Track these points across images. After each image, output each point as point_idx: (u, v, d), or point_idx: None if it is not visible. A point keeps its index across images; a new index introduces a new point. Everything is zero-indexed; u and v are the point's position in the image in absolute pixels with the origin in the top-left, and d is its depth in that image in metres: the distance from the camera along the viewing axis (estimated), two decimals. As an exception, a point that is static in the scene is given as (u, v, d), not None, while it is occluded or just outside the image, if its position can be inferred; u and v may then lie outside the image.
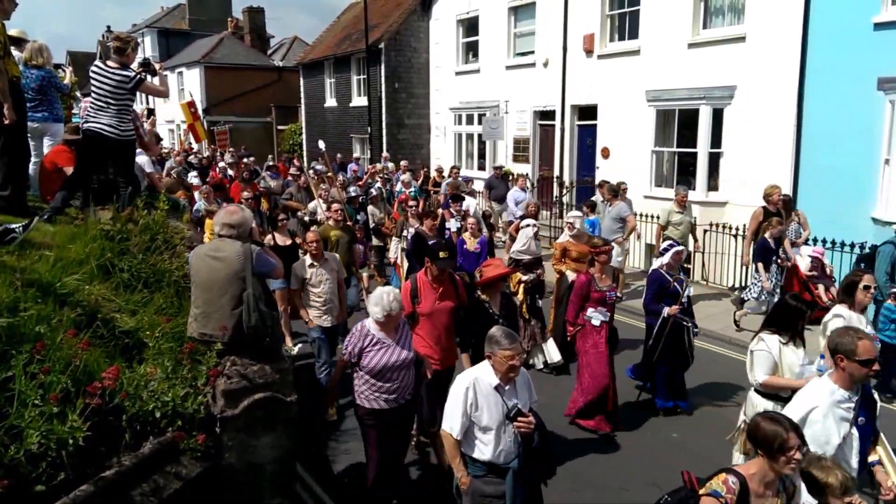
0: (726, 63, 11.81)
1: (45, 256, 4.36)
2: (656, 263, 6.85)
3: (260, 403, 3.83)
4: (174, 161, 16.95)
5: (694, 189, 12.42)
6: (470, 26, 18.82)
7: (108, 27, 44.12)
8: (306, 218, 11.51)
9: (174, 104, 33.95)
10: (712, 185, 12.35)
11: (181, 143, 23.19)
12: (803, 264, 9.16)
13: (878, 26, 9.72)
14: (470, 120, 18.95)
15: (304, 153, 26.28)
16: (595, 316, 6.27)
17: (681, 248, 6.75)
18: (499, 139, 17.43)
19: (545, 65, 15.95)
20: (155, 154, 9.65)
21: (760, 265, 8.64)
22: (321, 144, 11.95)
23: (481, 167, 18.36)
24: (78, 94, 8.60)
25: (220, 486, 3.68)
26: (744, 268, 10.39)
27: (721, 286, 11.29)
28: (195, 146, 22.93)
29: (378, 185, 13.93)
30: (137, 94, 5.83)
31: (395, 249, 10.19)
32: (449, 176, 14.89)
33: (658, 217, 10.73)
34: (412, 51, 21.36)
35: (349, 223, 8.80)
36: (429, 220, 8.51)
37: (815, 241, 9.47)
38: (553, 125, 16.03)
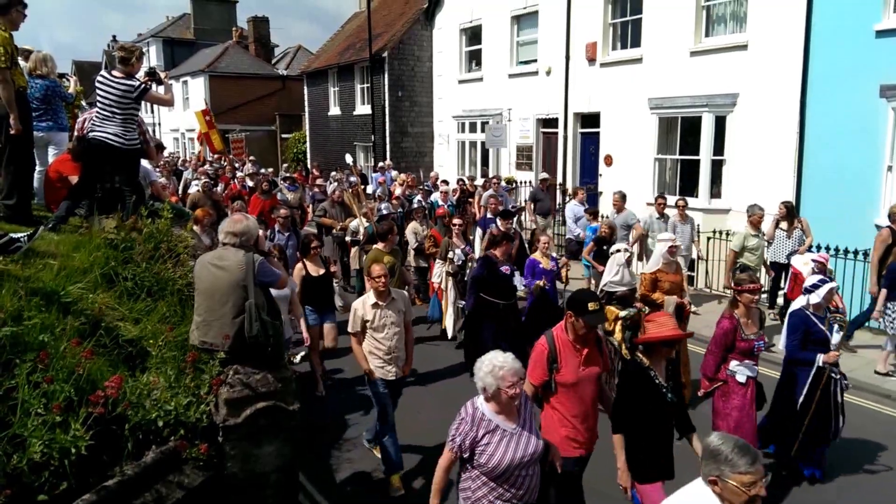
0: (728, 71, 11.82)
1: (49, 265, 4.38)
2: (800, 302, 5.74)
3: (262, 412, 3.83)
4: (191, 172, 16.32)
5: (696, 196, 12.42)
6: (473, 35, 18.88)
7: (114, 37, 44.34)
8: (347, 238, 10.74)
9: (178, 113, 34.18)
10: (715, 192, 12.34)
11: (200, 155, 21.93)
12: (805, 270, 9.11)
13: (880, 34, 9.72)
14: (473, 128, 18.99)
15: (308, 161, 26.35)
16: (741, 370, 5.22)
17: (834, 284, 5.78)
18: (502, 147, 17.45)
19: (548, 73, 15.98)
20: (157, 162, 9.52)
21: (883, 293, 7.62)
22: (349, 159, 11.62)
23: (484, 175, 18.35)
24: (83, 103, 8.66)
25: (222, 496, 3.67)
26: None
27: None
28: (210, 157, 21.79)
29: (418, 197, 13.05)
30: (143, 103, 5.87)
31: (439, 273, 9.05)
32: (487, 186, 13.44)
33: (730, 238, 9.47)
34: (415, 59, 21.45)
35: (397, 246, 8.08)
36: (504, 244, 7.44)
37: (818, 247, 9.45)
38: (556, 133, 16.04)
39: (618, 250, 7.10)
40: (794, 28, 10.76)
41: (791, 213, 9.54)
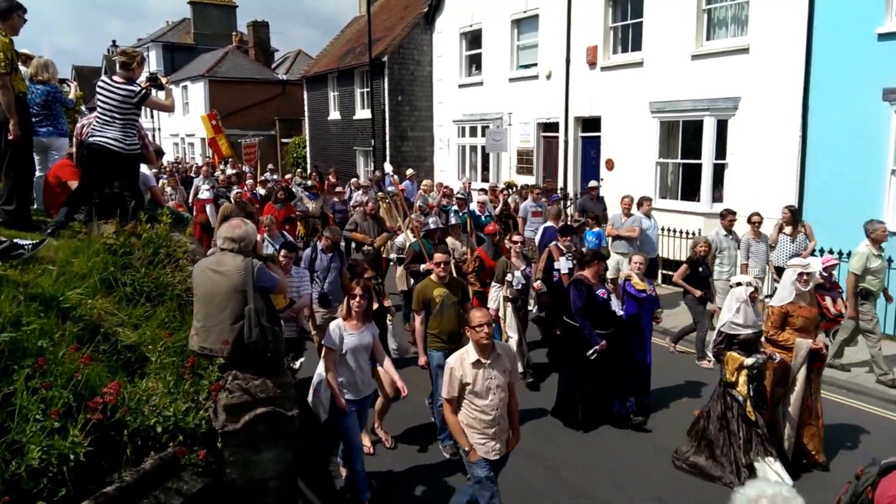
0: (730, 74, 11.81)
1: (48, 270, 4.36)
2: None
3: (262, 418, 3.80)
4: (202, 179, 15.19)
5: (699, 201, 12.40)
6: (473, 39, 18.91)
7: (114, 42, 44.54)
8: (392, 255, 9.78)
9: (178, 118, 34.23)
10: (717, 196, 12.31)
11: (215, 161, 20.33)
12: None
13: (882, 37, 9.71)
14: (473, 132, 19.00)
15: (308, 166, 26.37)
16: None
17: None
18: (502, 151, 17.46)
19: (548, 77, 15.99)
20: (157, 168, 9.37)
21: None
22: (388, 168, 10.14)
23: (485, 179, 18.38)
24: (83, 108, 8.65)
25: (221, 502, 3.64)
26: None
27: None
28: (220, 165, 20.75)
29: (454, 208, 11.91)
30: (143, 108, 5.87)
31: (495, 298, 7.82)
32: (525, 195, 12.67)
33: (849, 259, 8.20)
34: (415, 64, 21.47)
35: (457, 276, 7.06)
36: (595, 264, 6.70)
37: (821, 251, 9.42)
38: (556, 137, 16.04)
39: (739, 283, 5.73)
40: (795, 31, 10.76)
41: (795, 217, 9.53)
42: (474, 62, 19.03)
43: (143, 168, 6.62)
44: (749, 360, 5.42)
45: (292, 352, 6.01)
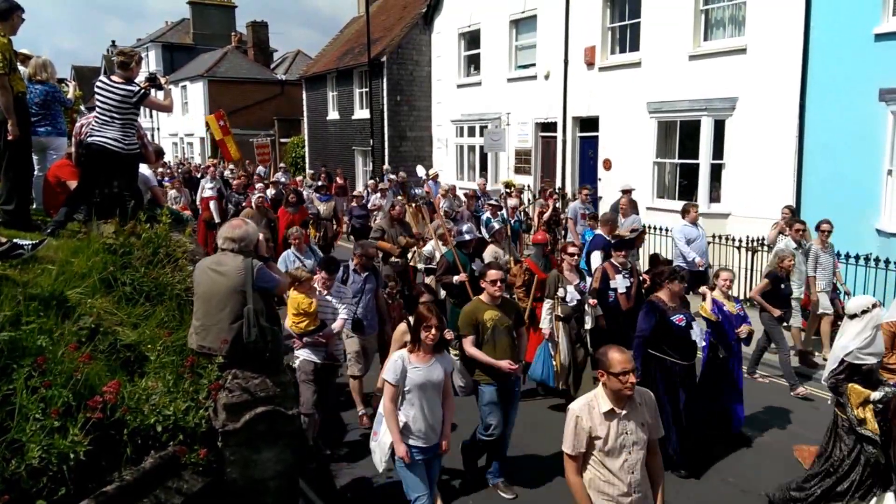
0: (727, 74, 11.84)
1: (47, 270, 4.37)
2: None
3: (262, 417, 3.81)
4: (209, 179, 14.60)
5: (696, 201, 12.42)
6: (471, 39, 18.92)
7: (113, 42, 44.53)
8: (420, 265, 9.08)
9: (177, 118, 34.19)
10: (714, 196, 12.34)
11: (226, 163, 18.90)
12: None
13: (879, 37, 9.73)
14: (472, 132, 19.01)
15: (307, 165, 26.36)
16: None
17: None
18: (500, 151, 17.47)
19: (546, 77, 16.01)
20: (156, 167, 9.18)
21: None
22: (420, 171, 9.94)
23: (483, 178, 18.37)
24: (82, 107, 8.64)
25: (222, 502, 3.65)
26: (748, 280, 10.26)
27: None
28: (228, 167, 19.42)
29: (487, 215, 10.92)
30: (142, 108, 5.87)
31: (548, 319, 6.82)
32: (572, 197, 12.13)
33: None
34: (414, 64, 21.47)
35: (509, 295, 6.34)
36: (674, 284, 5.73)
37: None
38: (554, 137, 16.06)
39: (866, 308, 4.84)
40: (792, 31, 10.79)
41: (793, 217, 9.56)
42: (473, 62, 19.04)
43: (143, 168, 6.62)
44: (877, 395, 4.61)
45: (323, 381, 5.85)
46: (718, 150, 12.21)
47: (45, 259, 4.58)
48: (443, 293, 8.02)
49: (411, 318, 4.64)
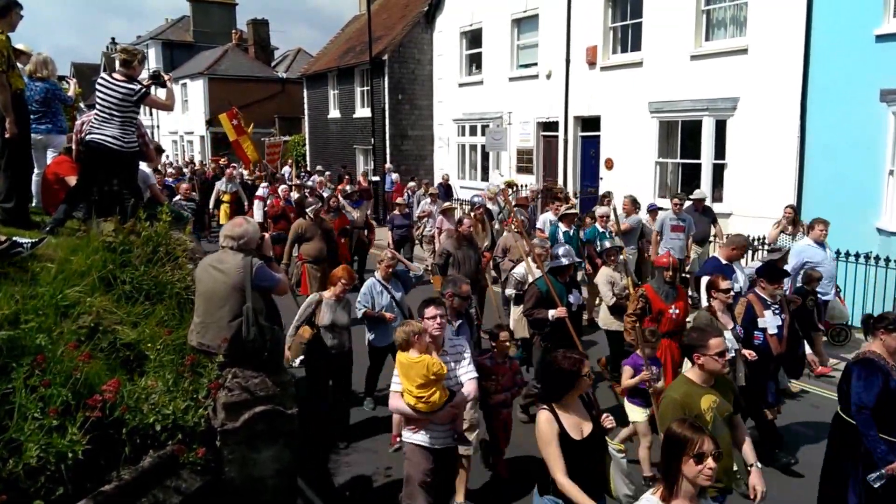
0: (729, 75, 11.82)
1: (47, 268, 4.36)
2: None
3: (261, 416, 3.81)
4: (224, 183, 14.13)
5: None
6: (473, 38, 18.90)
7: (113, 39, 44.47)
8: (509, 290, 7.57)
9: (177, 116, 34.15)
10: (716, 196, 12.33)
11: (249, 166, 17.03)
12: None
13: (880, 38, 9.72)
14: (473, 131, 18.99)
15: (308, 164, 26.34)
16: None
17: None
18: (502, 150, 17.46)
19: (548, 76, 15.99)
20: (155, 165, 8.98)
21: None
22: (496, 178, 8.71)
23: (485, 178, 18.38)
24: (82, 105, 8.63)
25: (220, 501, 3.65)
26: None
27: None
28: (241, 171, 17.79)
29: (564, 229, 9.50)
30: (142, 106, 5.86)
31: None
32: (560, 197, 10.75)
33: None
34: (416, 62, 21.46)
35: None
36: (886, 334, 4.25)
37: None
38: (556, 136, 16.04)
39: None
40: (794, 32, 10.77)
41: (796, 216, 9.56)
42: (474, 61, 19.02)
43: (143, 166, 6.61)
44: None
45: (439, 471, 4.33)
46: (720, 150, 12.20)
47: (45, 257, 4.57)
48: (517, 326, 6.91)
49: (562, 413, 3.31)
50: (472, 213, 9.58)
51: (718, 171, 12.29)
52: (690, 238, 10.21)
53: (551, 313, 5.90)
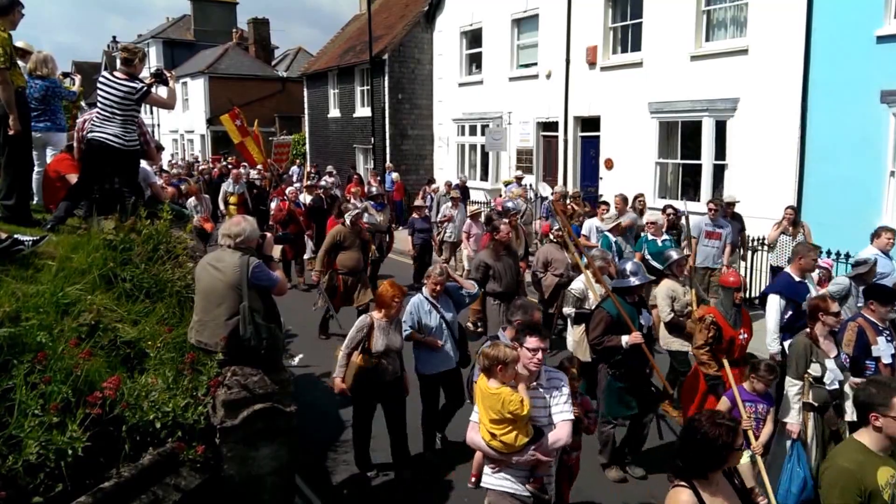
0: (729, 75, 11.83)
1: (47, 266, 4.37)
2: None
3: (260, 414, 3.81)
4: (231, 184, 13.61)
5: (698, 201, 12.42)
6: (473, 38, 18.91)
7: (114, 38, 44.42)
8: (567, 309, 6.63)
9: (177, 114, 34.14)
10: (717, 196, 12.33)
11: (258, 163, 16.00)
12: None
13: (881, 39, 9.73)
14: (473, 131, 19.00)
15: (308, 163, 26.33)
16: None
17: None
18: (501, 150, 17.47)
19: (548, 76, 16.00)
20: (156, 163, 8.86)
21: None
22: (544, 190, 7.92)
23: (484, 178, 18.38)
24: (83, 103, 8.63)
25: (219, 498, 3.65)
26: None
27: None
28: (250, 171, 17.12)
29: (615, 238, 8.83)
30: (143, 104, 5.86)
31: (797, 410, 4.73)
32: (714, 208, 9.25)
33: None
34: (416, 62, 21.46)
35: None
36: None
37: (818, 252, 9.43)
38: (556, 136, 16.05)
39: None
40: (794, 32, 10.78)
41: (796, 217, 9.57)
42: (474, 61, 19.02)
43: (144, 164, 6.62)
44: None
45: None
46: (720, 151, 12.21)
47: (46, 255, 4.58)
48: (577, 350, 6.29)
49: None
50: (508, 219, 8.67)
51: (719, 172, 12.30)
52: (728, 246, 9.49)
53: (624, 340, 5.20)
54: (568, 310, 6.68)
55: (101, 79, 5.69)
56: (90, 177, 5.80)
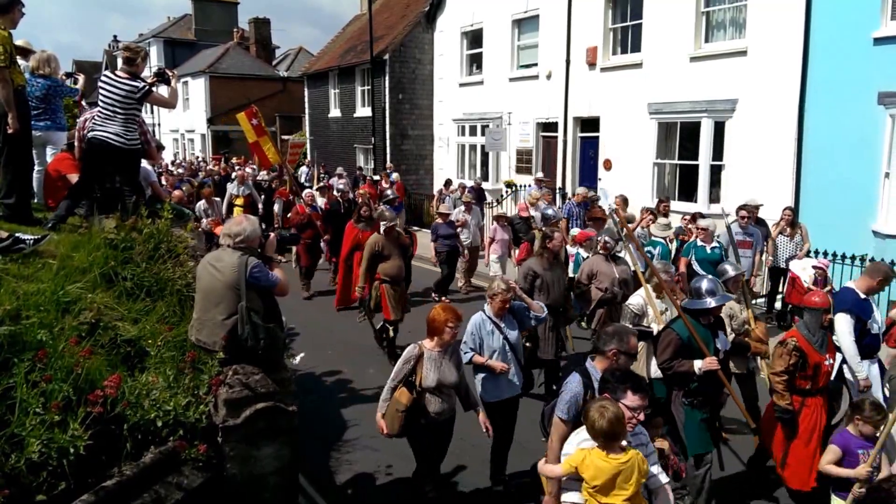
0: (728, 76, 11.85)
1: (48, 264, 4.38)
2: None
3: (262, 413, 3.82)
4: (236, 186, 13.27)
5: (696, 202, 12.44)
6: (474, 38, 18.92)
7: (115, 37, 44.39)
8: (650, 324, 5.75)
9: (178, 113, 34.14)
10: (714, 197, 12.36)
11: (280, 161, 14.70)
12: (804, 276, 9.14)
13: (878, 41, 9.75)
14: (473, 131, 19.01)
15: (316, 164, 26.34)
16: None
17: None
18: (501, 150, 17.48)
19: (548, 77, 16.01)
20: (157, 163, 8.76)
21: None
22: (606, 198, 7.20)
23: (484, 178, 18.40)
24: (84, 103, 8.64)
25: (221, 497, 3.66)
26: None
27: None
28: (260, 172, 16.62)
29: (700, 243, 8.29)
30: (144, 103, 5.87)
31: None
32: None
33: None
34: (416, 62, 21.48)
35: None
36: None
37: (815, 253, 9.46)
38: (556, 137, 16.07)
39: None
40: (792, 34, 10.80)
41: (794, 218, 9.59)
42: (475, 61, 19.04)
43: (144, 163, 6.63)
44: None
45: None
46: (718, 152, 12.23)
47: (46, 253, 4.59)
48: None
49: None
50: (550, 228, 7.95)
51: (716, 173, 12.32)
52: (759, 255, 9.03)
53: (698, 365, 4.64)
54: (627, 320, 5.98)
55: (103, 78, 5.70)
56: (91, 176, 5.81)
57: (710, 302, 4.80)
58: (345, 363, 7.92)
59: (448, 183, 16.59)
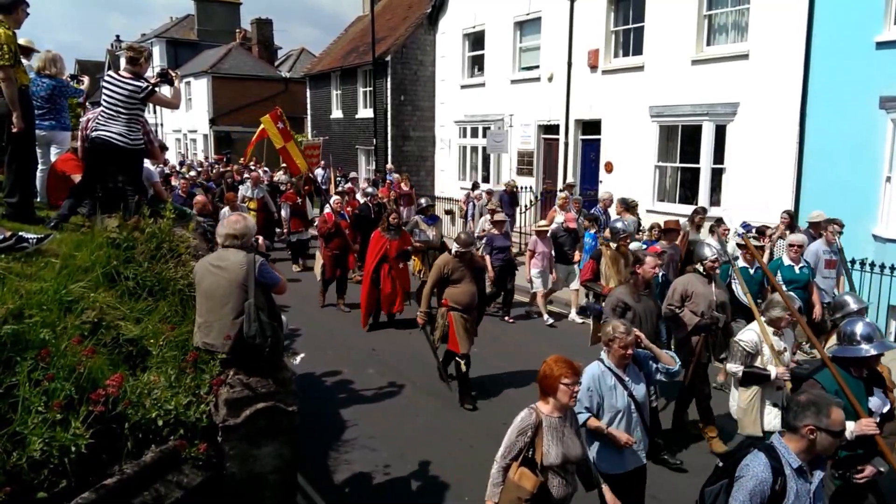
0: (729, 80, 11.87)
1: (51, 263, 4.39)
2: None
3: (262, 413, 3.84)
4: (249, 188, 13.04)
5: (696, 205, 12.44)
6: (476, 40, 18.95)
7: (118, 37, 44.48)
8: (734, 369, 5.05)
9: (181, 114, 34.16)
10: (715, 200, 12.38)
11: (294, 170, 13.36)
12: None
13: (881, 45, 9.77)
14: (474, 133, 19.04)
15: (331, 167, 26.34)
16: None
17: None
18: (503, 152, 17.50)
19: (550, 79, 16.04)
20: (160, 163, 8.66)
21: None
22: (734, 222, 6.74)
23: (485, 180, 18.42)
24: (87, 102, 8.67)
25: (221, 496, 3.68)
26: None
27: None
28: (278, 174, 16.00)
29: (785, 260, 7.17)
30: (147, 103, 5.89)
31: None
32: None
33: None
34: (418, 64, 21.51)
35: None
36: None
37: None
38: (557, 139, 16.09)
39: None
40: (794, 38, 10.82)
41: (793, 221, 9.60)
42: (476, 63, 19.07)
43: (147, 163, 6.65)
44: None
45: None
46: (719, 155, 12.25)
47: (49, 252, 4.60)
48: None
49: None
50: (618, 245, 7.09)
51: (717, 176, 12.34)
52: (842, 276, 8.12)
53: (850, 428, 3.69)
54: (734, 367, 5.08)
55: (106, 77, 5.72)
56: (94, 175, 5.83)
57: (868, 349, 3.93)
58: (345, 364, 7.94)
59: (475, 186, 14.99)
